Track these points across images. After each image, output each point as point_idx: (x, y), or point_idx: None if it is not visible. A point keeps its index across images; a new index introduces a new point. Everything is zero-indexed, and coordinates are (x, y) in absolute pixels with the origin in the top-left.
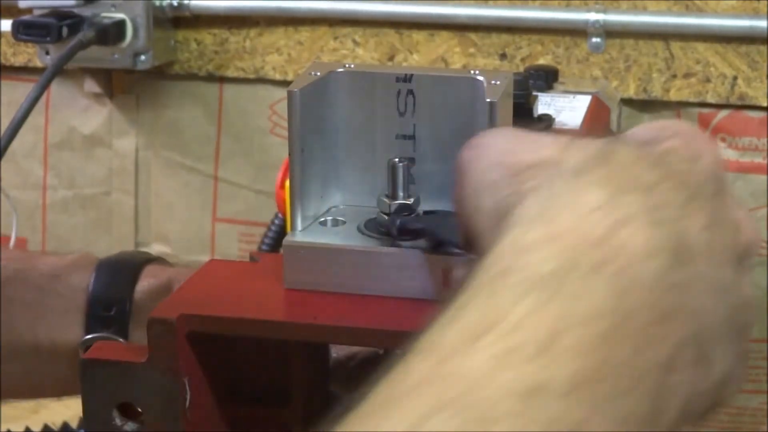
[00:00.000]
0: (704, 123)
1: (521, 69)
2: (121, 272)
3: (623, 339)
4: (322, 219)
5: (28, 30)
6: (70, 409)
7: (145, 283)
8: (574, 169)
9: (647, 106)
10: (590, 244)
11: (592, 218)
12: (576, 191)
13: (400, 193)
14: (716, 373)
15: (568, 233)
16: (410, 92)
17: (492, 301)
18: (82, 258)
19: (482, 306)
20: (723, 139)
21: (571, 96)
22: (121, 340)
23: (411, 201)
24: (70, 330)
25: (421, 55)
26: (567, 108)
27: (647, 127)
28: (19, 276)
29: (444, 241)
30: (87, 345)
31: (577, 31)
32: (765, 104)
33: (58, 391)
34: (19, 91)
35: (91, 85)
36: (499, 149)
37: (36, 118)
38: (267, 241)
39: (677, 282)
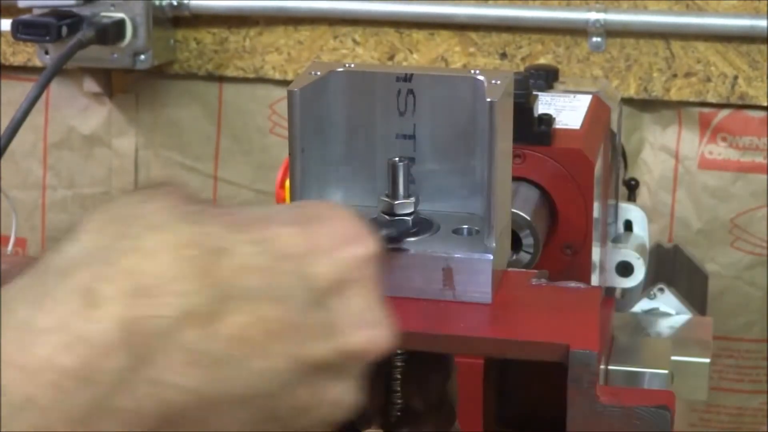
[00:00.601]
0: (705, 122)
1: (521, 68)
2: None
3: None
4: None
5: (27, 29)
6: None
7: None
8: (60, 262)
9: (648, 105)
10: (21, 374)
11: (38, 343)
12: (40, 302)
13: (400, 193)
14: None
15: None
16: (410, 92)
17: None
18: None
19: None
20: (724, 139)
21: (572, 95)
22: None
23: (405, 202)
24: None
25: (421, 55)
26: (567, 107)
27: (314, 204)
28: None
29: None
30: None
31: (577, 31)
32: (765, 104)
33: None
34: (18, 91)
35: (90, 85)
36: None
37: (35, 117)
38: None
39: (139, 382)
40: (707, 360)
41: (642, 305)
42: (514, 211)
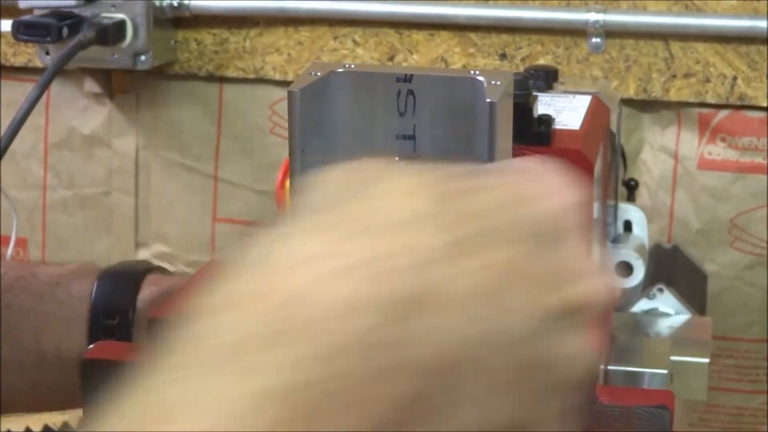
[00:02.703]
0: (704, 123)
1: (521, 69)
2: (123, 281)
3: (328, 409)
4: None
5: (28, 30)
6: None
7: (147, 291)
8: (303, 208)
9: (647, 106)
10: (289, 304)
11: (298, 272)
12: (291, 239)
13: None
14: (469, 425)
15: (262, 292)
16: (410, 92)
17: (170, 380)
18: (82, 267)
19: (157, 391)
20: (723, 139)
21: (571, 96)
22: None
23: None
24: (74, 339)
25: (421, 55)
26: (567, 108)
27: (519, 159)
28: (20, 283)
29: None
30: None
31: (577, 31)
32: (765, 104)
33: (63, 403)
34: (19, 91)
35: (90, 85)
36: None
37: (36, 118)
38: None
39: (396, 337)
40: (706, 360)
41: (641, 305)
42: None
